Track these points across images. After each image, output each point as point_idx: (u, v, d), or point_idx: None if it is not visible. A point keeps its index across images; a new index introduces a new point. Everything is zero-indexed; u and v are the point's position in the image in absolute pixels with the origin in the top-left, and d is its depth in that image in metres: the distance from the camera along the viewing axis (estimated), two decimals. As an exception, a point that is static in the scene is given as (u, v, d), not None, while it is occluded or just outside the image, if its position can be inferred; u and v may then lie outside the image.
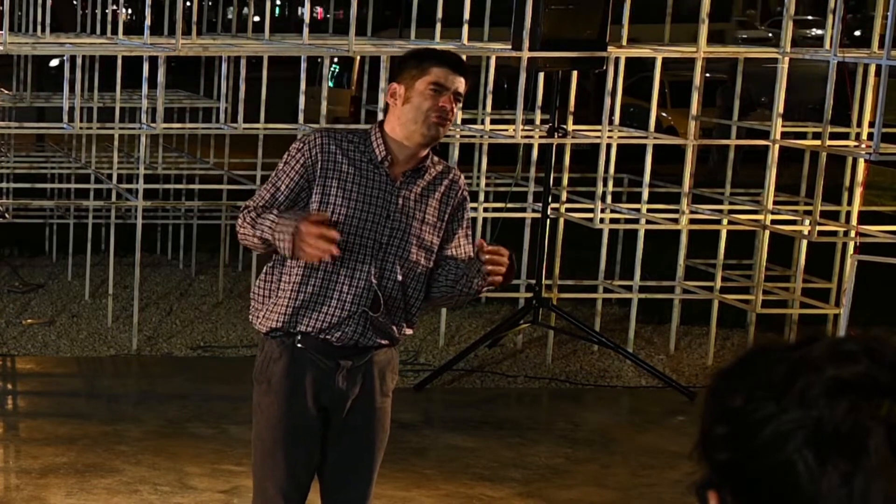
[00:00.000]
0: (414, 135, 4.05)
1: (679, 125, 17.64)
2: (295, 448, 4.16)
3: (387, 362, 4.19)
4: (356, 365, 4.12)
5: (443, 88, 4.02)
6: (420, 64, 4.08)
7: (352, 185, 4.07)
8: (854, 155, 7.98)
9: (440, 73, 4.04)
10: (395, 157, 4.10)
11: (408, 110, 4.05)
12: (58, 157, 11.77)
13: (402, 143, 4.08)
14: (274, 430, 4.16)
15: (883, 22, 7.57)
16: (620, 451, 6.98)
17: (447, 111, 4.02)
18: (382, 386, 4.18)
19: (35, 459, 6.59)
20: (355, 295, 4.06)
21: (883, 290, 9.67)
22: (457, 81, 4.05)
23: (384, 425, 4.20)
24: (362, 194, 4.08)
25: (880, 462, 1.17)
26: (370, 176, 4.09)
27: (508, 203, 8.98)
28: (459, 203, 4.20)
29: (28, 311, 9.73)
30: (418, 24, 9.49)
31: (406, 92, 4.06)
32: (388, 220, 4.08)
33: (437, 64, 4.06)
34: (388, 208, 4.09)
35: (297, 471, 4.18)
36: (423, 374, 8.20)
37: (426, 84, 4.03)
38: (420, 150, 4.10)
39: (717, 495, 1.27)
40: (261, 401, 4.20)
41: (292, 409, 4.12)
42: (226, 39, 10.24)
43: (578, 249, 10.21)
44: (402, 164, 4.11)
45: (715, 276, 8.68)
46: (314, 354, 4.10)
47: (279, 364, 4.13)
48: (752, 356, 1.29)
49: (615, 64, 8.42)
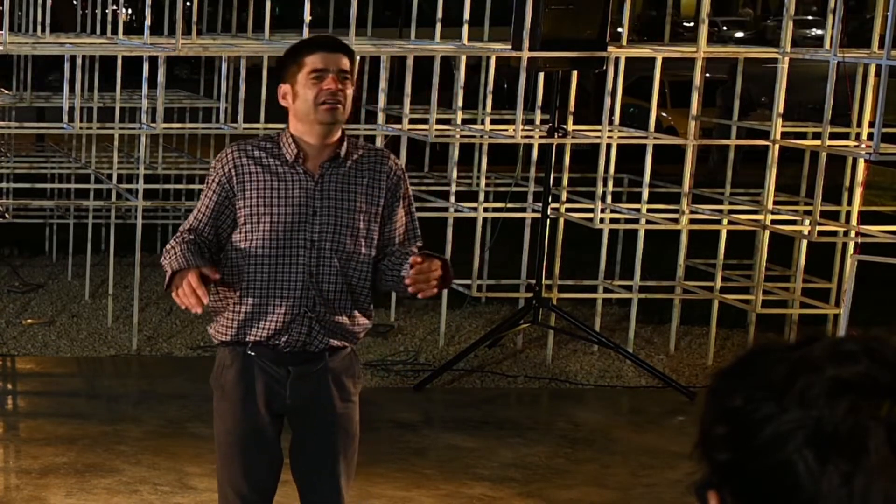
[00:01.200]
0: (312, 126, 4.06)
1: (679, 125, 17.64)
2: (251, 452, 4.17)
3: (343, 368, 4.16)
4: (309, 372, 4.11)
5: (323, 72, 4.02)
6: (296, 58, 4.09)
7: (271, 191, 4.08)
8: (854, 155, 7.98)
9: (315, 59, 4.04)
10: (307, 153, 4.10)
11: (299, 105, 4.06)
12: (58, 157, 11.77)
13: (307, 140, 4.09)
14: (229, 436, 4.20)
15: (883, 22, 7.57)
16: (620, 451, 6.98)
17: (334, 92, 4.01)
18: (341, 392, 4.15)
19: (35, 459, 6.59)
20: (295, 297, 4.06)
21: (883, 290, 9.67)
22: (336, 60, 4.05)
23: (349, 431, 4.17)
24: (283, 197, 4.08)
25: (880, 462, 1.17)
26: (287, 178, 4.09)
27: (508, 203, 8.98)
28: (395, 182, 4.16)
29: (28, 311, 9.73)
30: (418, 24, 9.49)
31: (293, 89, 4.07)
32: (315, 217, 4.08)
33: (309, 51, 4.07)
34: (312, 205, 4.08)
35: (255, 474, 4.19)
36: (423, 374, 8.20)
37: (306, 75, 4.04)
38: (327, 139, 4.09)
39: (717, 495, 1.27)
40: (217, 406, 4.25)
41: (246, 415, 4.14)
42: (226, 39, 10.25)
43: (578, 249, 10.20)
44: (316, 158, 4.10)
45: (715, 276, 8.68)
46: (264, 362, 4.11)
47: (231, 371, 4.16)
48: (753, 356, 1.29)
49: (615, 64, 8.42)
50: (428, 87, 8.78)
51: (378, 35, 10.73)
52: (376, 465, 6.39)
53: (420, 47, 8.92)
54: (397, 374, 8.32)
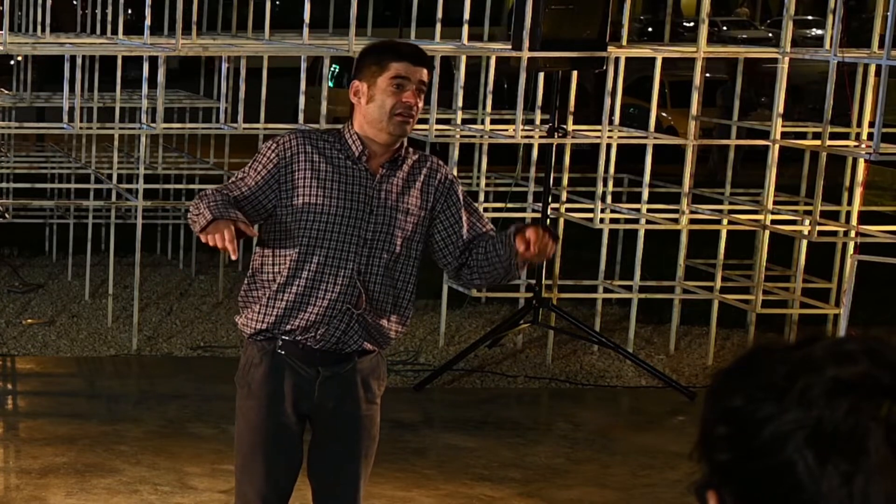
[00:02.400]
0: (381, 133, 4.04)
1: (679, 125, 17.64)
2: (274, 453, 4.15)
3: (371, 370, 4.14)
4: (338, 373, 4.09)
5: (406, 82, 4.00)
6: (379, 60, 4.04)
7: (331, 183, 4.05)
8: (854, 155, 7.98)
9: (400, 67, 4.01)
10: (371, 151, 4.08)
11: (372, 109, 4.03)
12: (58, 157, 11.76)
13: (372, 140, 4.07)
14: (254, 435, 4.16)
15: (883, 22, 7.57)
16: (620, 451, 6.98)
17: (411, 106, 4.00)
18: (367, 394, 4.14)
19: (35, 459, 6.59)
20: (339, 293, 4.03)
21: (883, 290, 9.67)
22: (418, 73, 4.03)
23: (370, 433, 4.17)
24: (343, 191, 4.05)
25: (880, 462, 1.17)
26: (349, 172, 4.07)
27: (508, 203, 8.98)
28: (447, 187, 4.15)
29: (28, 311, 9.73)
30: (418, 24, 9.48)
31: (369, 90, 4.04)
32: (372, 216, 4.06)
33: (396, 58, 4.03)
34: (370, 203, 4.06)
35: (276, 475, 4.17)
36: (423, 374, 8.20)
37: (387, 80, 4.00)
38: (391, 145, 4.08)
39: (716, 495, 1.27)
40: (242, 404, 4.20)
41: (272, 414, 4.11)
42: (226, 39, 10.24)
43: (578, 249, 10.20)
44: (379, 158, 4.09)
45: (715, 276, 8.68)
46: (294, 361, 4.08)
47: (259, 369, 4.12)
48: (753, 356, 1.29)
49: (615, 64, 8.42)
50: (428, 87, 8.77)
51: (378, 35, 10.72)
52: (376, 465, 6.32)
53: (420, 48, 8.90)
54: (397, 374, 8.31)
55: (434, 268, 4.44)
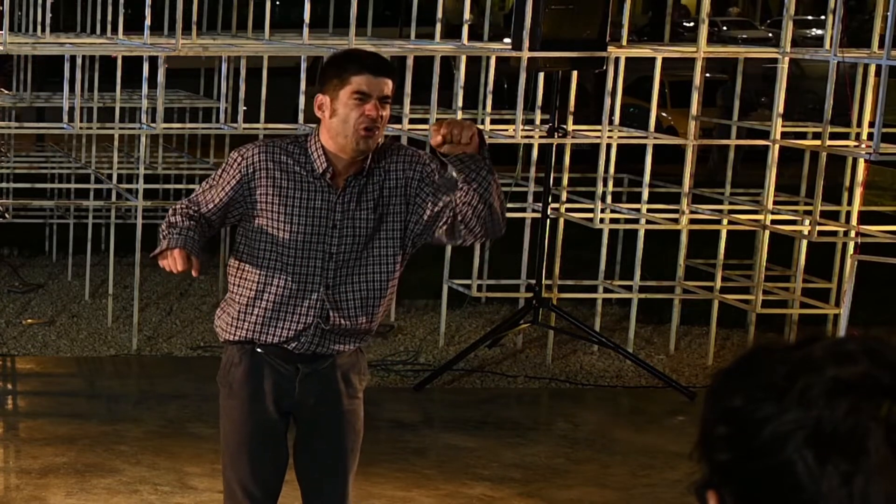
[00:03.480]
0: (346, 148, 3.99)
1: (679, 125, 17.63)
2: (259, 450, 4.17)
3: (350, 365, 4.15)
4: (317, 369, 4.10)
5: (366, 96, 3.92)
6: (340, 73, 3.96)
7: (293, 200, 4.02)
8: (854, 155, 7.98)
9: (361, 80, 3.93)
10: (336, 167, 4.03)
11: (336, 123, 3.97)
12: (58, 157, 11.76)
13: (337, 154, 4.02)
14: (237, 434, 4.18)
15: (883, 22, 7.57)
16: (620, 451, 6.98)
17: (373, 119, 3.92)
18: (348, 388, 4.15)
19: (35, 459, 6.59)
20: (308, 307, 4.04)
21: (883, 290, 9.67)
22: (380, 85, 3.94)
23: (355, 427, 4.17)
24: (304, 207, 4.02)
25: (880, 462, 1.17)
26: (311, 188, 4.03)
27: (508, 203, 8.97)
28: (423, 174, 4.09)
29: (28, 311, 9.73)
30: (418, 24, 9.48)
31: (332, 104, 3.97)
32: (335, 230, 4.03)
33: (357, 71, 3.94)
34: (332, 218, 4.03)
35: (262, 472, 4.18)
36: (423, 374, 8.20)
37: (349, 94, 3.93)
38: (356, 157, 4.03)
39: (716, 495, 1.27)
40: (224, 404, 4.22)
41: (254, 413, 4.13)
42: (226, 39, 10.24)
43: (578, 249, 10.20)
44: (343, 172, 4.04)
45: (715, 276, 8.68)
46: (273, 359, 4.10)
47: (239, 369, 4.14)
48: (753, 356, 1.29)
49: (615, 64, 8.42)
50: (428, 87, 8.78)
51: (378, 35, 10.72)
52: (376, 465, 6.39)
53: (420, 47, 8.92)
54: (397, 374, 8.32)
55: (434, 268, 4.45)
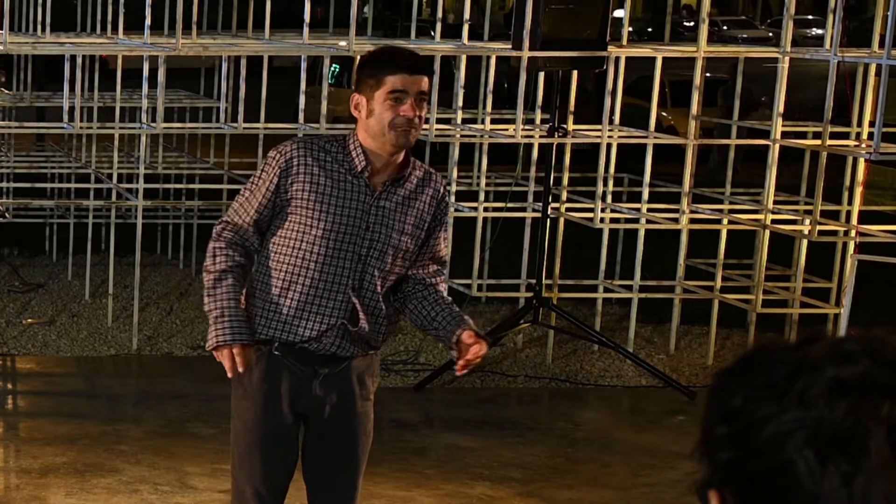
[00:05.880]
0: (384, 146, 3.99)
1: (679, 125, 17.64)
2: (271, 452, 4.16)
3: (365, 367, 4.16)
4: (333, 371, 4.10)
5: (403, 95, 3.93)
6: (376, 73, 3.97)
7: (329, 199, 4.01)
8: (854, 155, 7.98)
9: (396, 80, 3.93)
10: (374, 166, 4.03)
11: (373, 123, 3.97)
12: (58, 157, 11.77)
13: (376, 153, 4.02)
14: (250, 434, 4.16)
15: (883, 22, 7.57)
16: (620, 451, 6.98)
17: (411, 118, 3.93)
18: (362, 391, 4.15)
19: (35, 459, 6.59)
20: (335, 308, 4.03)
21: (883, 290, 9.68)
22: (417, 83, 3.94)
23: (366, 429, 4.18)
24: (341, 206, 4.02)
25: (881, 462, 1.17)
26: (348, 187, 4.02)
27: (508, 203, 8.97)
28: (443, 209, 4.16)
29: (28, 310, 9.73)
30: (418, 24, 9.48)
31: (368, 104, 3.97)
32: (368, 232, 4.03)
33: (391, 71, 3.94)
34: (366, 220, 4.03)
35: (273, 474, 4.18)
36: (423, 374, 8.20)
37: (385, 94, 3.93)
38: (395, 158, 4.04)
39: (718, 495, 1.27)
40: (237, 404, 4.20)
41: (268, 414, 4.11)
42: (226, 39, 10.24)
43: (578, 249, 10.20)
44: (382, 173, 4.05)
45: (715, 275, 8.68)
46: (290, 361, 4.08)
47: (255, 369, 4.11)
48: (753, 356, 1.29)
49: (615, 64, 8.42)
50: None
51: (378, 35, 10.72)
52: (376, 465, 6.37)
53: (420, 47, 8.92)
54: (397, 374, 8.32)
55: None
